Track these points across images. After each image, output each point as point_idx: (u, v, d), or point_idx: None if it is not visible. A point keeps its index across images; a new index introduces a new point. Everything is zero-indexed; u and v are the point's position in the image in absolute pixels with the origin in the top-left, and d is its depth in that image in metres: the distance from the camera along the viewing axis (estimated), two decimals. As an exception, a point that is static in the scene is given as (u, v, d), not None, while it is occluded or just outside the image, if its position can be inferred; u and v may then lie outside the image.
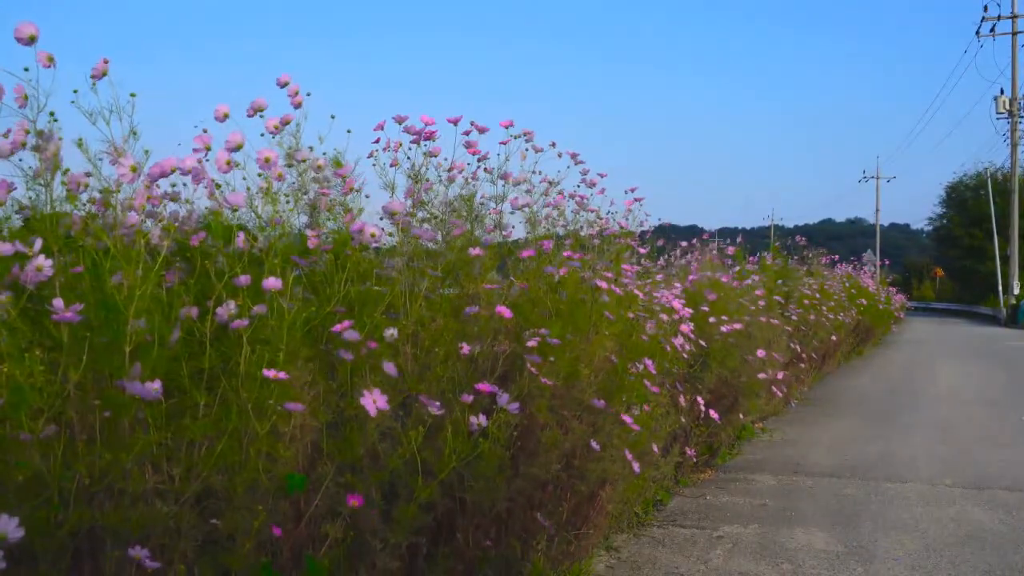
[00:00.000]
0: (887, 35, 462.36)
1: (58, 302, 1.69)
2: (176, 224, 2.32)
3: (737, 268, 6.98)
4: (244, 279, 2.09)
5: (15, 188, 1.92)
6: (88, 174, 2.01)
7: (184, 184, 2.33)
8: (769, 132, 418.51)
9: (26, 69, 1.81)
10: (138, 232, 2.00)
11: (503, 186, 3.30)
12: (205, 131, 2.14)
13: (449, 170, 3.10)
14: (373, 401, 2.13)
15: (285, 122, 2.45)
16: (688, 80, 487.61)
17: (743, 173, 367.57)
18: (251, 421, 2.00)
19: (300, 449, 2.19)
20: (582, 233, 3.87)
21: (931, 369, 12.47)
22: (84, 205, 2.07)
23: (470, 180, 3.23)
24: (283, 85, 2.43)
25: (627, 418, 3.03)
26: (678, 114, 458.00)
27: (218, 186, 2.27)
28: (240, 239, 2.20)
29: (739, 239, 8.41)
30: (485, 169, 3.27)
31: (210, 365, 2.01)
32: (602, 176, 3.86)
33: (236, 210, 2.29)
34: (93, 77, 1.90)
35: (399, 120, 2.88)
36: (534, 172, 3.45)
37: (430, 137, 2.89)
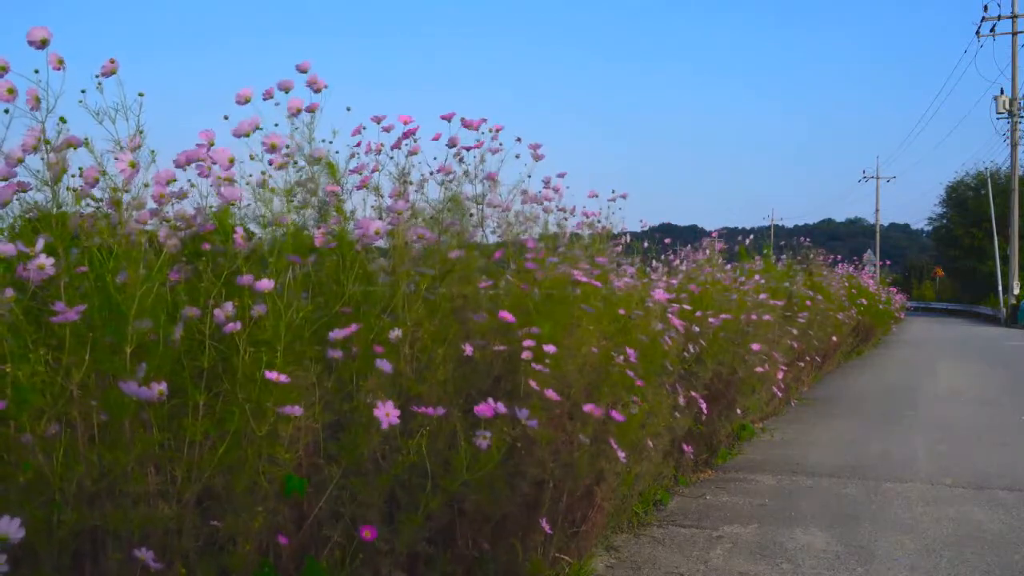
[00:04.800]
0: (887, 35, 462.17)
1: (60, 303, 1.69)
2: (181, 223, 2.31)
3: (739, 270, 7.00)
4: (247, 278, 2.04)
5: (29, 188, 1.92)
6: (96, 178, 2.01)
7: (190, 182, 2.31)
8: (769, 132, 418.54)
9: (36, 71, 1.81)
10: (140, 231, 2.00)
11: (484, 186, 3.32)
12: (212, 139, 2.15)
13: (438, 171, 3.09)
14: (386, 414, 2.13)
15: (311, 109, 2.41)
16: (688, 80, 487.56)
17: (743, 173, 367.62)
18: (250, 422, 1.99)
19: (301, 451, 2.18)
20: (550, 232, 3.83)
21: (931, 369, 12.48)
22: (90, 206, 2.06)
23: (449, 181, 3.24)
24: (304, 71, 2.41)
25: (616, 414, 3.02)
26: (678, 114, 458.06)
27: (228, 180, 2.23)
28: (238, 236, 2.16)
29: (749, 239, 8.44)
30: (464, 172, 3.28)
31: (210, 365, 2.00)
32: (561, 176, 3.78)
33: (235, 204, 2.26)
34: (103, 75, 1.91)
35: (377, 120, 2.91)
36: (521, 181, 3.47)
37: (410, 135, 2.90)
